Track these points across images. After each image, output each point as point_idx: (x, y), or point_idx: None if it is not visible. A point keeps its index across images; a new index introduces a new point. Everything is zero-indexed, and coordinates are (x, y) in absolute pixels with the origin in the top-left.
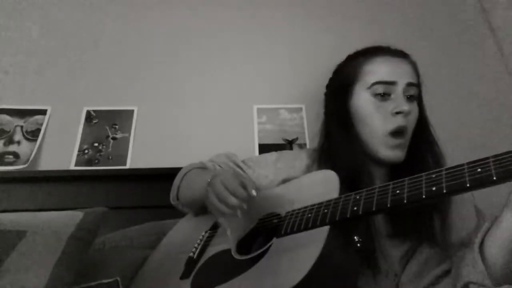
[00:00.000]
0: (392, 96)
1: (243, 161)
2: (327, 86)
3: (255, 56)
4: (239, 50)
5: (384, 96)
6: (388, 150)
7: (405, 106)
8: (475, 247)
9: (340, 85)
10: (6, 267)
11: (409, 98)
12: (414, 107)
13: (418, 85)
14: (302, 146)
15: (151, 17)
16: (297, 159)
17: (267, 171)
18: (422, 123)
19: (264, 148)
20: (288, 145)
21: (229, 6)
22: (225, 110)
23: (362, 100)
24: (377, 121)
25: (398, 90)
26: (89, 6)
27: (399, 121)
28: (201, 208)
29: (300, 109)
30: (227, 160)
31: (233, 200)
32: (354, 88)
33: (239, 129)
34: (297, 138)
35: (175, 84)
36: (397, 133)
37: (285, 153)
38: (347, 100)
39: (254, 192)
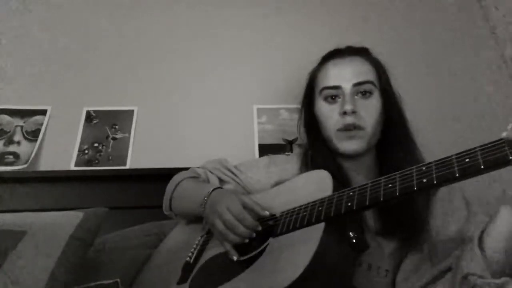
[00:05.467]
0: (340, 98)
1: (235, 166)
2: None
3: (255, 56)
4: (239, 50)
5: (334, 99)
6: (343, 143)
7: (349, 106)
8: (474, 241)
9: (306, 92)
10: (6, 267)
11: (364, 95)
12: (367, 103)
13: (372, 80)
14: (302, 146)
15: (151, 18)
16: (289, 162)
17: (259, 176)
18: (391, 112)
19: (264, 148)
20: (288, 145)
21: (229, 7)
22: (225, 110)
23: (318, 105)
24: (330, 122)
25: (345, 92)
26: (89, 6)
27: (347, 120)
28: (196, 219)
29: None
30: (219, 166)
31: (243, 230)
32: (314, 94)
33: (239, 129)
34: (297, 138)
35: (175, 84)
36: (344, 129)
37: (277, 157)
38: (312, 106)
39: (266, 212)
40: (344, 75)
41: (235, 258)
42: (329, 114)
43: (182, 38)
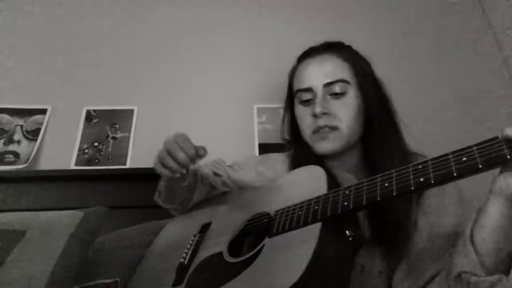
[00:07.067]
0: (313, 100)
1: (229, 166)
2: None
3: (255, 56)
4: (239, 50)
5: (308, 102)
6: (317, 144)
7: (318, 108)
8: (466, 237)
9: (287, 94)
10: (6, 266)
11: (336, 95)
12: (341, 103)
13: (344, 78)
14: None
15: (151, 17)
16: (278, 161)
17: (248, 173)
18: (372, 106)
19: (264, 148)
20: (288, 144)
21: (229, 6)
22: (225, 110)
23: (296, 108)
24: (305, 125)
25: (317, 94)
26: (89, 6)
27: (319, 122)
28: (177, 198)
29: None
30: (213, 162)
31: (181, 156)
32: (294, 96)
33: (239, 129)
34: None
35: (175, 84)
36: (317, 131)
37: (268, 156)
38: (293, 108)
39: (203, 151)
40: (314, 76)
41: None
42: (304, 117)
43: (182, 38)
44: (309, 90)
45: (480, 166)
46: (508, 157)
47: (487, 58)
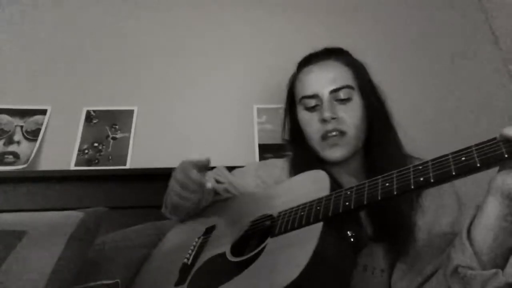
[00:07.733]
0: (319, 106)
1: (231, 173)
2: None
3: (255, 56)
4: (239, 50)
5: (314, 108)
6: (327, 151)
7: (327, 113)
8: (463, 233)
9: (287, 99)
10: (6, 267)
11: (342, 101)
12: (347, 108)
13: (349, 84)
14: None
15: (151, 18)
16: (277, 167)
17: (250, 180)
18: (373, 110)
19: (264, 148)
20: (289, 145)
21: (229, 7)
22: (225, 110)
23: (300, 114)
24: (312, 130)
25: (323, 99)
26: (89, 6)
27: (327, 127)
28: (184, 213)
29: None
30: (216, 170)
31: (194, 188)
32: (295, 101)
33: (239, 129)
34: None
35: (175, 84)
36: (326, 136)
37: (267, 161)
38: (294, 113)
39: (209, 185)
40: (319, 82)
41: (209, 185)
42: (310, 122)
43: (182, 38)
44: (314, 96)
45: (478, 165)
46: (506, 156)
47: (487, 59)
